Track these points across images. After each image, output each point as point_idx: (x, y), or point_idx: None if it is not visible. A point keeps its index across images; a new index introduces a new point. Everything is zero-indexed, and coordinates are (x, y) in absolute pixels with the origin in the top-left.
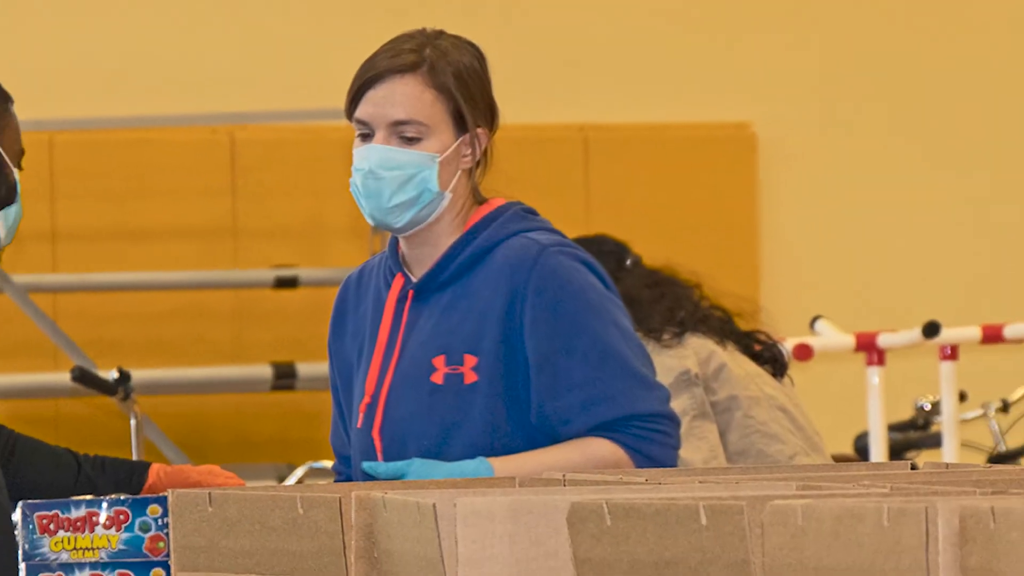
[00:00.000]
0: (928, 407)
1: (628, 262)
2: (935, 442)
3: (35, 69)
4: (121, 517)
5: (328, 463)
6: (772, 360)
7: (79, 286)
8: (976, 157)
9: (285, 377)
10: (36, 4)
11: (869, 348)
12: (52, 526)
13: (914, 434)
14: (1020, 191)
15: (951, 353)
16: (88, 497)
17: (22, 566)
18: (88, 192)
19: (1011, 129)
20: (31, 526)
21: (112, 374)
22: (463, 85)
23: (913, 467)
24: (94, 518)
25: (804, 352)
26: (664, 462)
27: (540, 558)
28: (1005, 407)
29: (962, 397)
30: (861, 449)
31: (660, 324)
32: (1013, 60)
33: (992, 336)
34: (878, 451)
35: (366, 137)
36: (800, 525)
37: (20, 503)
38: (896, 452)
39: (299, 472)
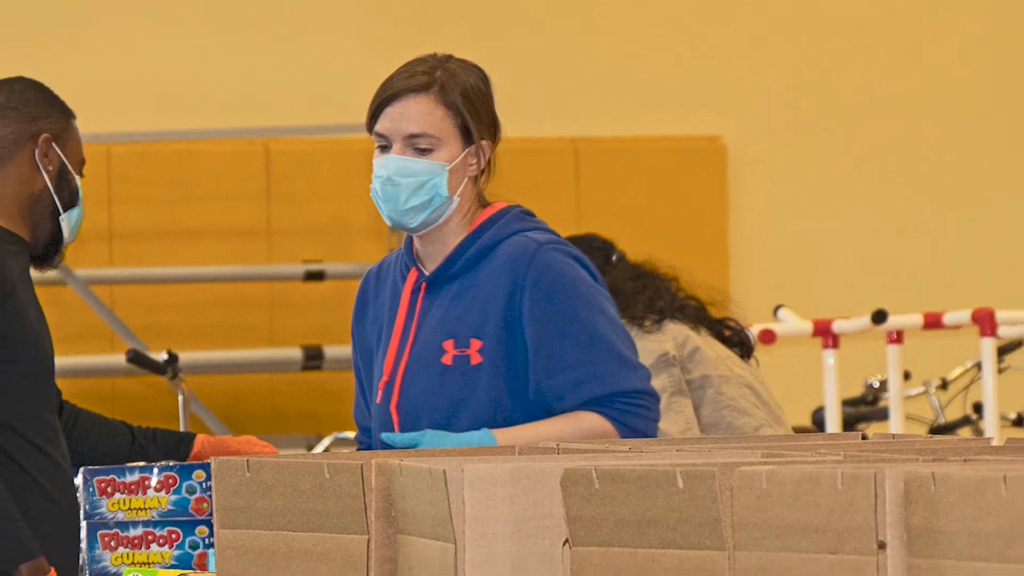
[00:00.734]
0: (877, 385)
1: (614, 258)
2: (883, 416)
3: (95, 89)
4: (170, 481)
5: (351, 434)
6: (740, 343)
7: (133, 279)
8: (917, 167)
9: (313, 359)
10: (95, 33)
11: (825, 333)
12: (109, 489)
13: (864, 408)
14: (957, 197)
15: (897, 337)
16: (141, 464)
17: (83, 524)
18: (141, 197)
19: (948, 143)
20: (91, 489)
21: (162, 356)
22: (470, 103)
23: (864, 437)
24: (146, 482)
25: (768, 337)
26: (646, 433)
27: (537, 517)
28: (944, 385)
29: (907, 376)
30: (818, 422)
31: (642, 312)
32: (956, 80)
33: (933, 322)
34: (833, 423)
35: (384, 148)
36: (765, 488)
37: (81, 469)
38: (849, 424)
39: (326, 442)
